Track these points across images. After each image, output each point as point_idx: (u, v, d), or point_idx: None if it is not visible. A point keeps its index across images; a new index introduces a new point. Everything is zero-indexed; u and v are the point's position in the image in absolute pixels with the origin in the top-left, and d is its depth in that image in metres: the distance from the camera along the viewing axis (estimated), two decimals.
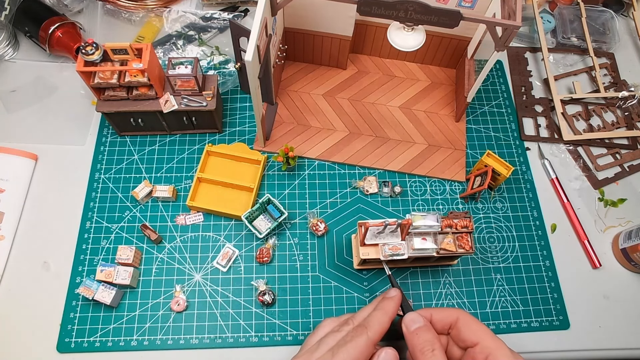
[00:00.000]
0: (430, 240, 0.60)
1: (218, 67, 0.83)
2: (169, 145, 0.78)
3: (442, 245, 0.60)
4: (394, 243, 0.59)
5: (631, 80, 0.89)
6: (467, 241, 0.60)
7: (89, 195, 0.74)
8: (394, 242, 0.59)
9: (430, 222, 0.59)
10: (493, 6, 0.69)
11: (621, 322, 0.69)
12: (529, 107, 0.85)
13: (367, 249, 0.60)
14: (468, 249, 0.60)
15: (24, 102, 0.81)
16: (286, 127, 0.80)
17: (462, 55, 0.83)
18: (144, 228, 0.70)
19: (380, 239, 0.60)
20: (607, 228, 0.76)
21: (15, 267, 0.68)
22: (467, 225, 0.61)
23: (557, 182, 0.78)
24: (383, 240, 0.60)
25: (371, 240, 0.60)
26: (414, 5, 0.57)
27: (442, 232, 0.60)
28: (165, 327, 0.65)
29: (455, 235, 0.61)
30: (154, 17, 0.89)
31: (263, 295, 0.66)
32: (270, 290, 0.66)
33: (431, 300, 0.68)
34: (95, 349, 0.63)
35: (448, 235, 0.60)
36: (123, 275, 0.64)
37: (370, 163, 0.77)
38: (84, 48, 0.64)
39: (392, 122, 0.81)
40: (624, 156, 0.82)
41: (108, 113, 0.71)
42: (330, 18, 0.74)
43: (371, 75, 0.86)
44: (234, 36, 0.69)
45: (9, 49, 0.85)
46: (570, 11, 0.94)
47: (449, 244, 0.60)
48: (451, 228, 0.60)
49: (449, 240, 0.60)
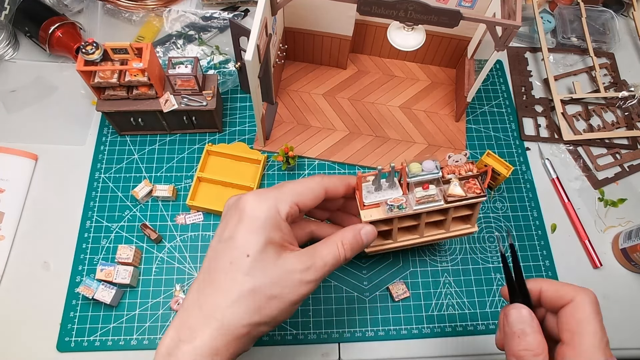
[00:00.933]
0: (433, 188, 0.52)
1: (218, 67, 0.83)
2: (169, 145, 0.78)
3: (448, 191, 0.52)
4: (395, 196, 0.52)
5: (631, 80, 0.89)
6: (475, 184, 0.53)
7: (89, 195, 0.74)
8: (395, 195, 0.53)
9: (428, 167, 0.52)
10: (493, 6, 0.69)
11: (621, 322, 0.69)
12: (529, 107, 0.85)
13: (368, 211, 0.53)
14: (479, 192, 0.52)
15: (24, 102, 0.81)
16: (286, 127, 0.80)
17: (462, 55, 0.83)
18: (144, 227, 0.70)
19: (379, 195, 0.53)
20: (607, 228, 0.76)
21: (15, 267, 0.68)
22: (471, 168, 0.53)
23: (557, 182, 0.78)
24: (382, 198, 0.53)
25: (369, 198, 0.53)
26: (414, 5, 0.57)
27: (445, 180, 0.53)
28: (165, 327, 0.65)
29: (461, 181, 0.53)
30: (154, 17, 0.89)
31: None
32: None
33: (431, 300, 0.68)
34: (95, 348, 0.63)
35: (452, 180, 0.53)
36: (123, 274, 0.64)
37: (370, 163, 0.77)
38: (84, 47, 0.64)
39: (392, 121, 0.81)
40: (624, 156, 0.82)
41: (108, 113, 0.71)
42: (330, 18, 0.74)
43: (371, 75, 0.86)
44: (234, 36, 0.69)
45: (9, 49, 0.85)
46: (570, 11, 0.94)
47: (454, 188, 0.52)
48: (454, 174, 0.53)
49: (454, 184, 0.52)
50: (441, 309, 0.68)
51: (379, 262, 0.70)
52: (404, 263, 0.70)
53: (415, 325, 0.66)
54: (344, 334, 0.66)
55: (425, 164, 0.52)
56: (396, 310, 0.67)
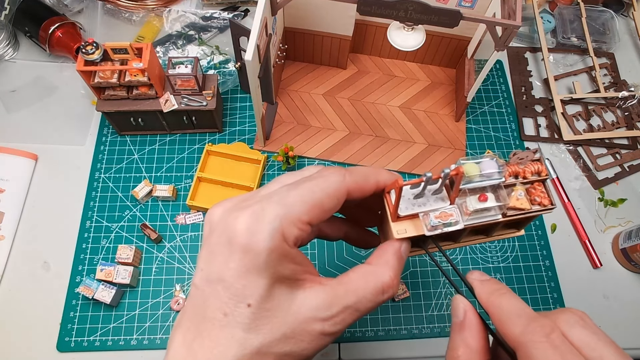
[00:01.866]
0: (491, 197, 0.40)
1: (218, 67, 0.83)
2: (169, 145, 0.78)
3: (510, 202, 0.40)
4: (440, 209, 0.39)
5: (631, 80, 0.89)
6: (542, 193, 0.40)
7: (89, 195, 0.74)
8: (441, 207, 0.39)
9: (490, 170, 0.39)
10: (493, 6, 0.69)
11: (621, 322, 0.69)
12: (529, 107, 0.85)
13: (402, 225, 0.40)
14: (547, 204, 0.40)
15: (24, 102, 0.81)
16: (286, 127, 0.80)
17: (462, 55, 0.83)
18: (144, 227, 0.70)
19: (419, 206, 0.40)
20: (607, 228, 0.76)
21: (15, 267, 0.68)
22: (540, 170, 0.41)
23: (557, 182, 0.78)
24: (424, 208, 0.39)
25: (407, 210, 0.40)
26: (414, 5, 0.57)
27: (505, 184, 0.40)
28: (165, 327, 0.65)
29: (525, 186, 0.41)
30: (154, 17, 0.89)
31: None
32: None
33: (431, 300, 0.68)
34: (95, 348, 0.63)
35: (516, 187, 0.40)
36: (123, 274, 0.64)
37: (370, 163, 0.77)
38: (84, 47, 0.64)
39: (392, 121, 0.81)
40: (624, 156, 0.82)
41: (108, 113, 0.71)
42: (330, 18, 0.74)
43: (371, 75, 0.86)
44: (234, 36, 0.69)
45: (9, 49, 0.85)
46: (570, 11, 0.94)
47: (519, 198, 0.40)
48: (517, 178, 0.41)
49: (519, 194, 0.40)
50: (441, 309, 0.68)
51: None
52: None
53: (415, 325, 0.66)
54: (344, 333, 0.66)
55: (485, 164, 0.39)
56: (396, 310, 0.67)
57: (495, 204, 0.39)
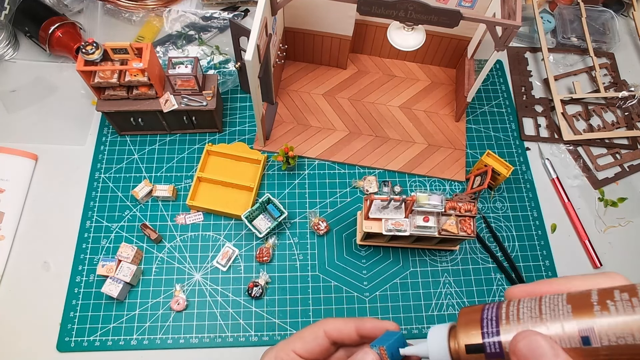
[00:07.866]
0: (433, 220, 0.59)
1: (218, 67, 0.83)
2: (169, 145, 0.78)
3: (444, 226, 0.60)
4: (397, 219, 0.60)
5: (631, 80, 0.89)
6: (469, 225, 0.60)
7: (89, 195, 0.74)
8: (398, 218, 0.60)
9: (434, 202, 0.58)
10: (493, 6, 0.69)
11: None
12: (529, 107, 0.85)
13: (370, 223, 0.62)
14: (470, 233, 0.60)
15: (24, 102, 0.81)
16: (286, 127, 0.80)
17: (462, 55, 0.83)
18: (144, 227, 0.70)
19: (384, 214, 0.61)
20: (607, 228, 0.76)
21: (15, 267, 0.68)
22: (471, 209, 0.60)
23: (557, 182, 0.78)
24: (387, 216, 0.60)
25: (375, 214, 0.60)
26: (414, 5, 0.57)
27: (445, 213, 0.60)
28: (165, 327, 0.65)
29: (458, 218, 0.60)
30: (154, 17, 0.89)
31: (255, 286, 0.66)
32: (264, 285, 0.67)
33: (431, 300, 0.68)
34: (95, 348, 0.63)
35: (451, 217, 0.60)
36: (125, 271, 0.64)
37: (370, 163, 0.77)
38: (84, 47, 0.64)
39: (392, 121, 0.81)
40: (624, 156, 0.82)
41: (108, 112, 0.71)
42: (331, 18, 0.74)
43: (371, 75, 0.86)
44: (234, 36, 0.69)
45: (9, 49, 0.85)
46: (570, 11, 0.94)
47: (451, 225, 0.60)
48: (455, 210, 0.60)
49: (452, 222, 0.60)
50: (441, 309, 0.68)
51: (379, 262, 0.70)
52: (404, 263, 0.70)
53: (415, 325, 0.66)
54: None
55: (433, 198, 0.58)
56: (396, 310, 0.67)
57: (434, 224, 0.60)
